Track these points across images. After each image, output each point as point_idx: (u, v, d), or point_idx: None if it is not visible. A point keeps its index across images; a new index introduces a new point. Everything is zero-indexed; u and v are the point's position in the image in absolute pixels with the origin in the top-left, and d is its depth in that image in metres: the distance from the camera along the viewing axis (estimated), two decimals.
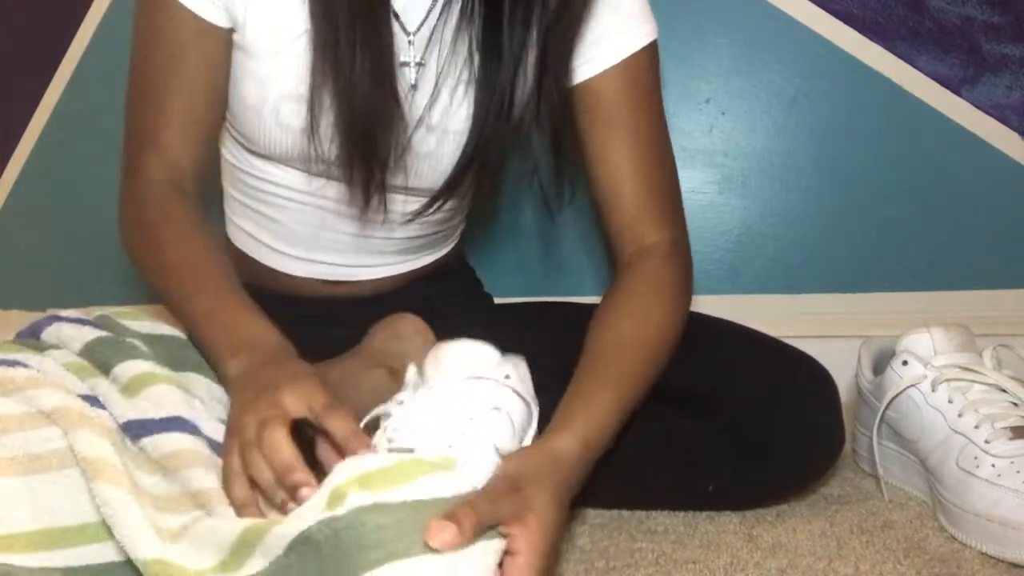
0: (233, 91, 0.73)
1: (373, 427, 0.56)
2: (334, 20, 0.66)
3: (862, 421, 0.83)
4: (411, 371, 0.59)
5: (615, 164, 0.74)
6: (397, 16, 0.71)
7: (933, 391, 0.73)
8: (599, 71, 0.74)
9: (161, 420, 0.56)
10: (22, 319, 0.67)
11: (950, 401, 0.72)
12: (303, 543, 0.45)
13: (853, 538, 0.68)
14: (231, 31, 0.71)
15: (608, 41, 0.74)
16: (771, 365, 0.73)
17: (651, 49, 0.76)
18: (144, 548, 0.48)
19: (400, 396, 0.58)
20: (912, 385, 0.74)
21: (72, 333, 0.63)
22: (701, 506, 0.73)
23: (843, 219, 1.10)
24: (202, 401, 0.61)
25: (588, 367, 0.65)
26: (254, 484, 0.52)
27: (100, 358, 0.61)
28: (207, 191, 0.77)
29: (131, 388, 0.58)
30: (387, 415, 0.56)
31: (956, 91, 1.06)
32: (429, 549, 0.44)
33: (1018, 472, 0.65)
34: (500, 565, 0.47)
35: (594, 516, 0.73)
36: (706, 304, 1.11)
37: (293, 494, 0.50)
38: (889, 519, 0.71)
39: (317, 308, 0.82)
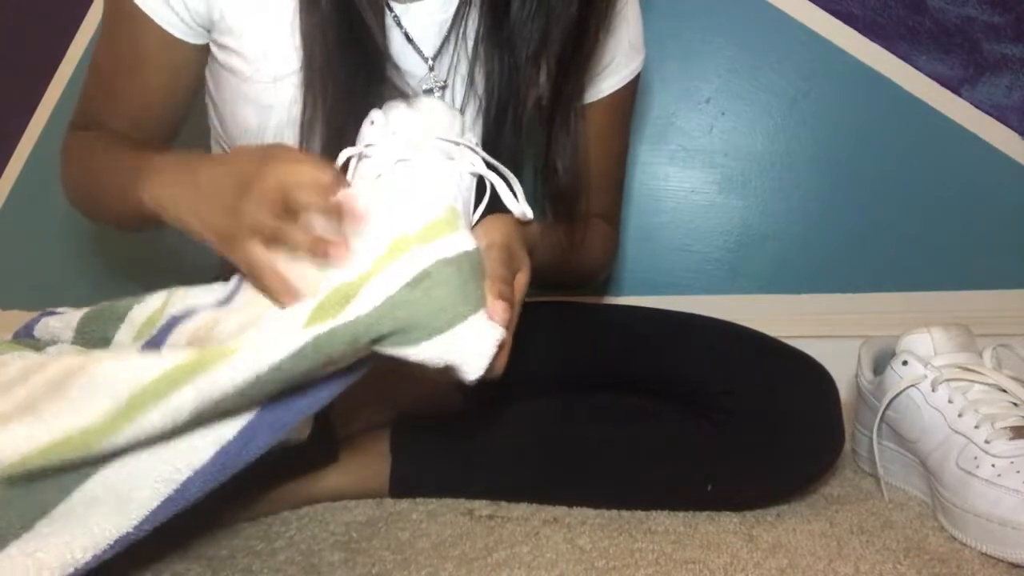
0: (229, 114, 0.73)
1: None
2: (325, 49, 0.65)
3: (862, 421, 0.83)
4: (377, 114, 0.60)
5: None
6: (412, 41, 0.70)
7: (933, 391, 0.73)
8: (594, 99, 0.78)
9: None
10: (22, 319, 0.67)
11: (950, 401, 0.72)
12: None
13: (853, 538, 0.68)
14: (202, 49, 0.71)
15: (609, 74, 0.77)
16: (771, 365, 0.73)
17: (636, 79, 0.81)
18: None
19: (367, 139, 0.59)
20: (912, 385, 0.74)
21: (59, 324, 0.64)
22: (701, 506, 0.73)
23: (843, 219, 1.10)
24: None
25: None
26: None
27: (97, 332, 0.61)
28: None
29: (150, 322, 0.58)
30: (367, 156, 0.58)
31: (956, 91, 1.06)
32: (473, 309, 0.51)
33: (1018, 472, 0.65)
34: None
35: (594, 516, 0.73)
36: (706, 304, 1.11)
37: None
38: (889, 519, 0.71)
39: None
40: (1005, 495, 0.65)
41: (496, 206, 0.62)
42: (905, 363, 0.75)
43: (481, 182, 0.61)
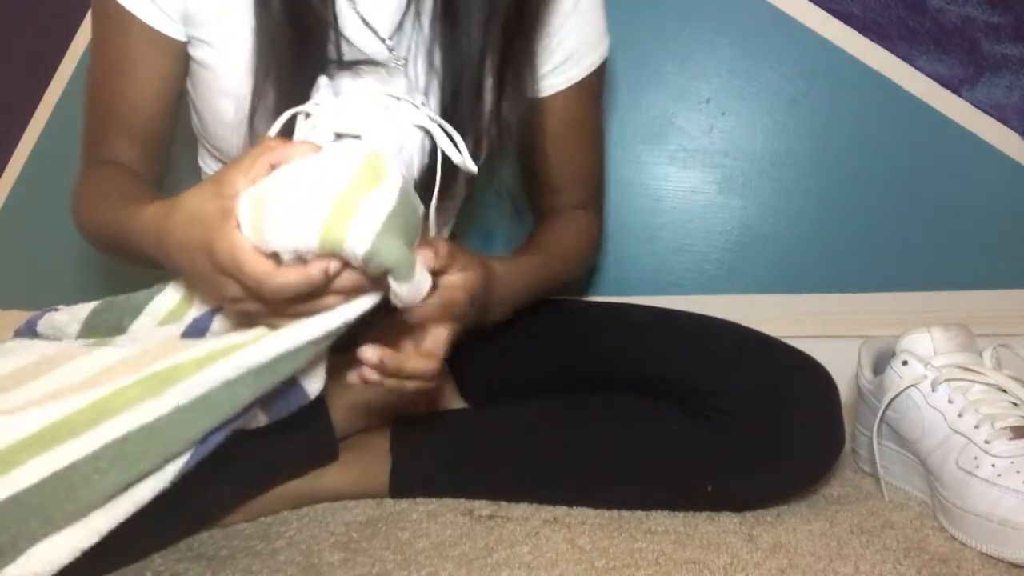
0: (207, 109, 0.74)
1: None
2: (272, 30, 0.68)
3: (862, 421, 0.83)
4: (323, 79, 0.63)
5: (560, 161, 0.84)
6: (367, 23, 0.72)
7: (933, 391, 0.73)
8: (560, 88, 0.80)
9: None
10: (22, 319, 0.67)
11: (950, 401, 0.72)
12: None
13: (853, 538, 0.68)
14: (186, 44, 0.73)
15: (572, 63, 0.80)
16: (771, 365, 0.73)
17: (603, 66, 0.84)
18: None
19: (314, 100, 0.61)
20: (912, 385, 0.74)
21: (64, 319, 0.64)
22: (701, 506, 0.73)
23: (843, 219, 1.10)
24: None
25: (523, 249, 0.81)
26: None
27: (111, 321, 0.62)
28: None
29: (174, 314, 0.59)
30: (308, 114, 0.59)
31: (956, 91, 1.06)
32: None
33: (1018, 472, 0.65)
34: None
35: (594, 516, 0.73)
36: (706, 304, 1.11)
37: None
38: (889, 519, 0.71)
39: None
40: (1005, 495, 0.65)
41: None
42: (905, 363, 0.75)
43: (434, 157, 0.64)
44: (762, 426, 0.70)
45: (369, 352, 0.56)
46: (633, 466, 0.73)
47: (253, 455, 0.71)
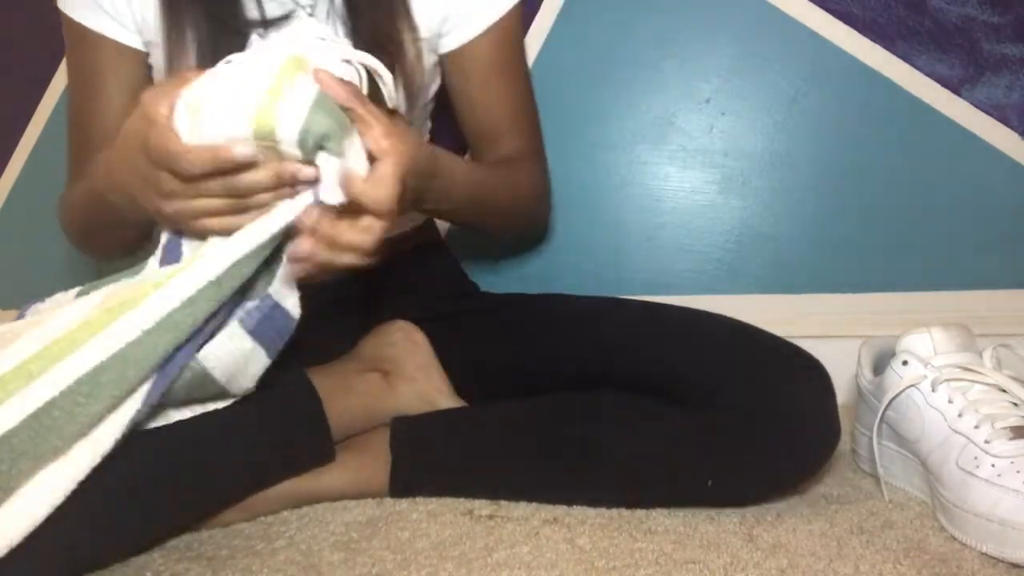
0: None
1: None
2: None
3: (862, 421, 0.83)
4: (254, 37, 0.69)
5: (489, 110, 0.89)
6: None
7: (933, 391, 0.73)
8: (471, 38, 0.85)
9: None
10: None
11: (950, 401, 0.72)
12: None
13: (853, 538, 0.68)
14: (147, 54, 0.79)
15: (474, 16, 0.84)
16: (765, 358, 0.73)
17: (516, 9, 0.87)
18: None
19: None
20: (912, 385, 0.74)
21: (50, 307, 0.66)
22: (701, 502, 0.73)
23: (843, 219, 1.10)
24: None
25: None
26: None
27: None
28: None
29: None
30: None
31: (956, 91, 1.06)
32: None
33: (1018, 472, 0.65)
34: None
35: (594, 516, 0.73)
36: (706, 304, 1.10)
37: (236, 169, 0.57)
38: (889, 519, 0.71)
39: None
40: (1005, 495, 0.64)
41: None
42: (905, 363, 0.75)
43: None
44: (759, 420, 0.70)
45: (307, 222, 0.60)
46: (633, 462, 0.73)
47: (250, 453, 0.72)
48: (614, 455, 0.74)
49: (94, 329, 0.55)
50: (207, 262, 0.57)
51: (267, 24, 0.75)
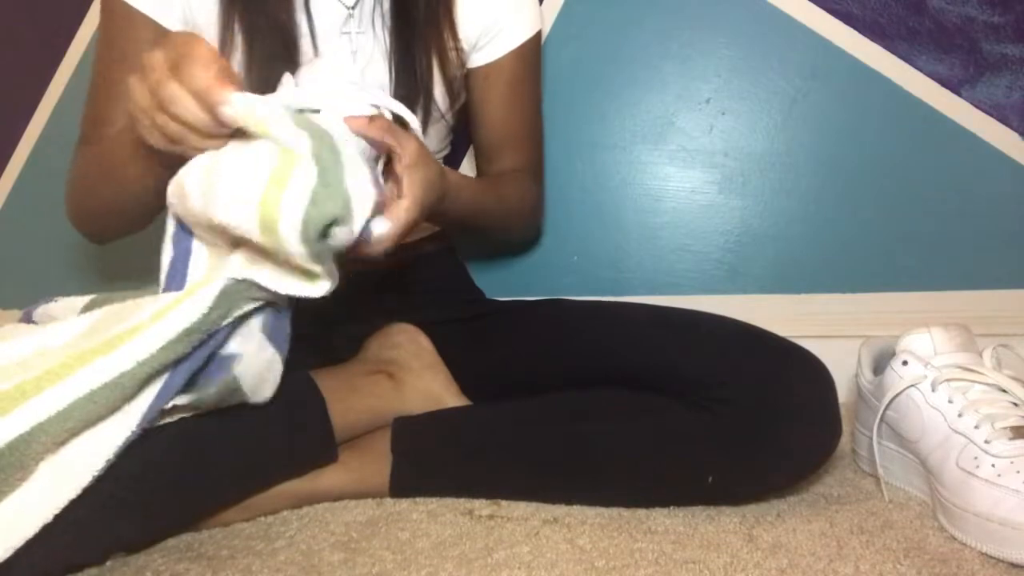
0: None
1: None
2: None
3: (862, 421, 0.83)
4: (287, 76, 0.68)
5: (503, 125, 0.93)
6: None
7: (933, 391, 0.73)
8: (495, 58, 0.89)
9: None
10: None
11: (950, 401, 0.72)
12: None
13: (853, 538, 0.68)
14: None
15: (505, 34, 0.89)
16: (764, 355, 0.73)
17: (537, 36, 0.93)
18: None
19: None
20: (912, 385, 0.74)
21: (61, 308, 0.66)
22: (702, 499, 0.73)
23: (843, 219, 1.10)
24: None
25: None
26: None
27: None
28: None
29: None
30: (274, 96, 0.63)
31: (956, 91, 1.06)
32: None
33: (1018, 472, 0.65)
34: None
35: (594, 516, 0.73)
36: (706, 304, 1.10)
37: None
38: (889, 519, 0.72)
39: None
40: (1005, 495, 0.65)
41: None
42: (905, 363, 0.75)
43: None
44: (760, 417, 0.70)
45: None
46: (633, 460, 0.73)
47: (252, 452, 0.72)
48: (614, 453, 0.74)
49: (87, 361, 0.56)
50: (205, 293, 0.59)
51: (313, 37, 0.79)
